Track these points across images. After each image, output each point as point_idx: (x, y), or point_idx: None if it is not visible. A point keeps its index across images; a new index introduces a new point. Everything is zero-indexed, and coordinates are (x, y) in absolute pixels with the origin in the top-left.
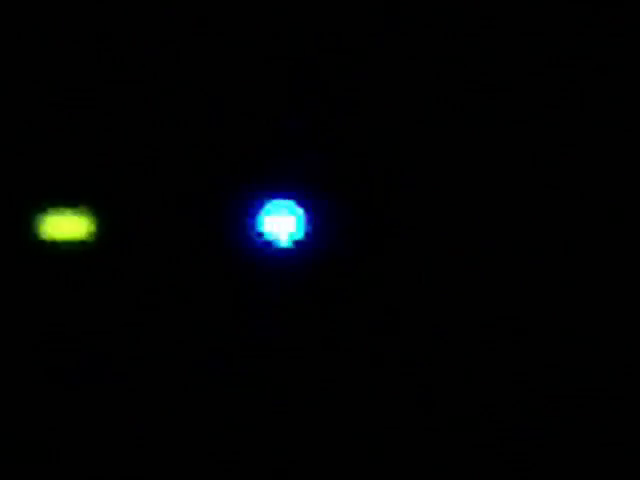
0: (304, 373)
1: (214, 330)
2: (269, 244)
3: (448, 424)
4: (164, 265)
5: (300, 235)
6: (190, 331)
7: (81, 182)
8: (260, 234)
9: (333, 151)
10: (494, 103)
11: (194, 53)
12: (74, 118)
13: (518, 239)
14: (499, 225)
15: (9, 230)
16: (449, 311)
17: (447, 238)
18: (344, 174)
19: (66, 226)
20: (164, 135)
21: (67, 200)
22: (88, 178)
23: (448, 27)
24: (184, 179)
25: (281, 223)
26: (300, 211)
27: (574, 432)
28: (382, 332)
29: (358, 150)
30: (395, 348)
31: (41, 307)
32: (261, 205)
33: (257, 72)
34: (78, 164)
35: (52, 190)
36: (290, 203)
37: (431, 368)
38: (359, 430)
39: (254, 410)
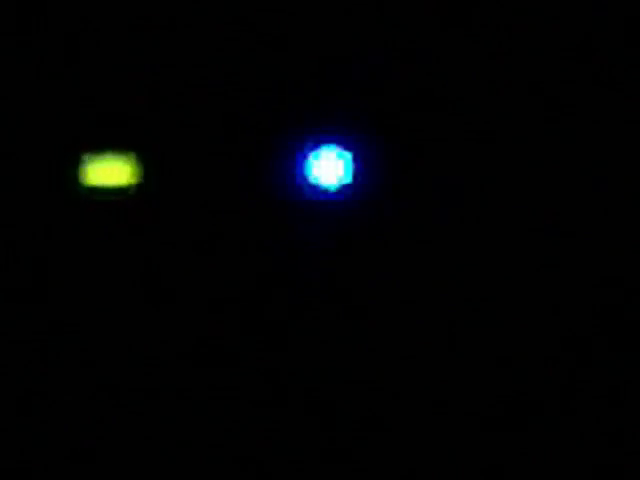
0: (349, 317)
1: (260, 275)
2: (317, 188)
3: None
4: (210, 211)
5: (348, 179)
6: (236, 276)
7: (126, 127)
8: (308, 178)
9: (382, 95)
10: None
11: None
12: (120, 63)
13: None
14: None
15: (52, 176)
16: (493, 257)
17: (495, 182)
18: (392, 118)
19: (109, 172)
20: (211, 79)
21: (110, 145)
22: (133, 123)
23: None
24: (231, 124)
25: (329, 167)
26: (348, 155)
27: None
28: (428, 276)
29: (407, 94)
30: (440, 294)
31: (84, 256)
32: (309, 150)
33: (306, 19)
34: (123, 109)
35: (95, 135)
36: (338, 148)
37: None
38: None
39: (297, 360)
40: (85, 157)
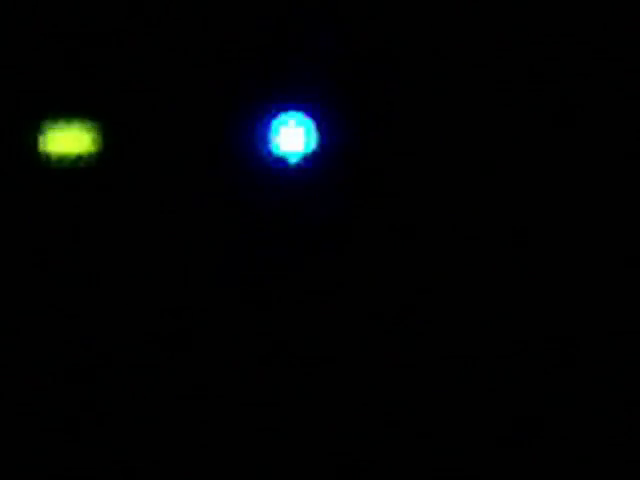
0: (314, 292)
1: (223, 247)
2: (280, 157)
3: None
4: (172, 181)
5: (311, 148)
6: (198, 249)
7: (85, 94)
8: (271, 147)
9: (346, 63)
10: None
11: None
12: (80, 31)
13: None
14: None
15: (10, 145)
16: (459, 229)
17: (462, 151)
18: (356, 86)
19: (69, 140)
20: (173, 48)
21: (70, 113)
22: (92, 90)
23: None
24: (192, 93)
25: (292, 136)
26: (311, 124)
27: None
28: (392, 247)
29: (372, 62)
30: (405, 269)
31: (44, 226)
32: (272, 118)
33: None
34: (82, 77)
35: (55, 103)
36: (301, 115)
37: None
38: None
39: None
40: (45, 125)
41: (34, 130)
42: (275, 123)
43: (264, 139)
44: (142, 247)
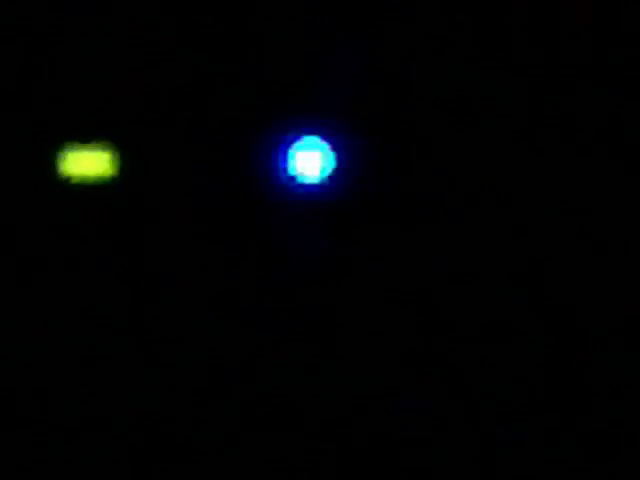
0: (333, 309)
1: (240, 269)
2: (297, 181)
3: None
4: (189, 205)
5: (328, 172)
6: (216, 269)
7: (104, 117)
8: (288, 171)
9: (362, 87)
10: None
11: None
12: (100, 55)
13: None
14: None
15: (30, 167)
16: (479, 251)
17: (478, 175)
18: (373, 110)
19: (88, 162)
20: (192, 72)
21: (90, 136)
22: (111, 113)
23: None
24: (211, 116)
25: (309, 160)
26: (328, 148)
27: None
28: (409, 268)
29: (388, 85)
30: (420, 286)
31: (62, 246)
32: (290, 142)
33: (287, 9)
34: (101, 98)
35: (74, 126)
36: (318, 140)
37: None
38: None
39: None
40: (64, 147)
41: (54, 153)
42: (294, 148)
43: (284, 164)
44: (159, 269)
